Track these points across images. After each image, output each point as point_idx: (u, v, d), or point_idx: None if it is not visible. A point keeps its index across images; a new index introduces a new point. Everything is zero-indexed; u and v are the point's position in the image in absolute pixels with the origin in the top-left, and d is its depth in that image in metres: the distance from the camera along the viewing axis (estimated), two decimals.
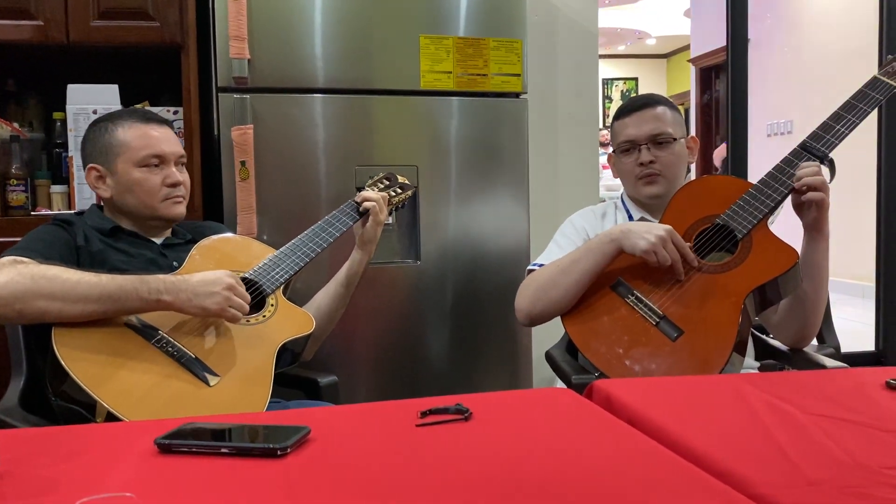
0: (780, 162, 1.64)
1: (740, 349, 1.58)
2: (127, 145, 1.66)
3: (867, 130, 1.64)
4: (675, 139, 1.80)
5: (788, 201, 1.63)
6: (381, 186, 1.93)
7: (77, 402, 1.35)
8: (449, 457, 0.91)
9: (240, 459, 0.89)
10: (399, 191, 1.94)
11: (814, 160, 1.61)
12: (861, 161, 3.65)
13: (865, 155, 3.76)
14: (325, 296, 1.84)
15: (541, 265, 1.78)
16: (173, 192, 1.68)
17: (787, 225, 1.74)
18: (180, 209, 1.71)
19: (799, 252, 1.61)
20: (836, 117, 1.63)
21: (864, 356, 3.83)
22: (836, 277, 1.69)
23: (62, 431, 1.04)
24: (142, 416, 1.30)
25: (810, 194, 1.57)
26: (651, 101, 1.85)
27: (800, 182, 1.58)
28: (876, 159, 3.86)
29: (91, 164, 1.69)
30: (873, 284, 3.94)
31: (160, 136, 1.68)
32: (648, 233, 1.59)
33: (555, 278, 1.68)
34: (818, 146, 1.61)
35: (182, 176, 1.71)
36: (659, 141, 1.79)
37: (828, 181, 1.60)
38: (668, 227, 1.61)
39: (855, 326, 4.44)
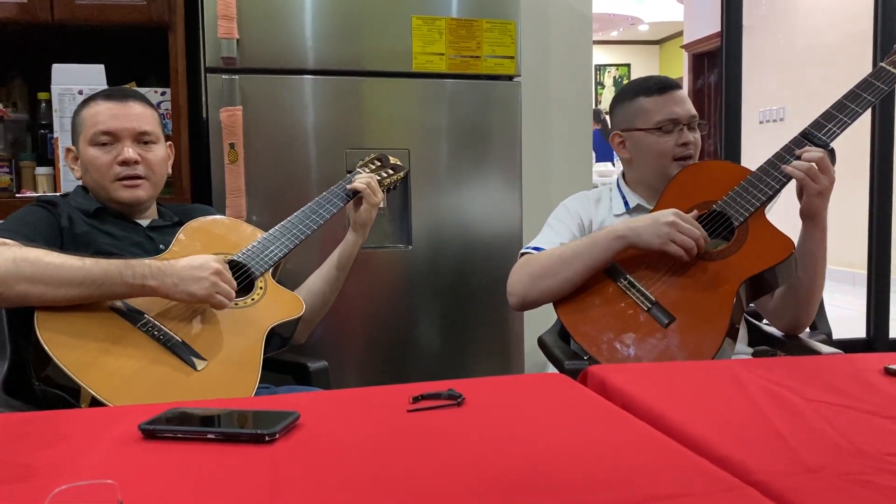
0: (780, 150, 1.61)
1: (732, 335, 1.57)
2: (83, 124, 1.63)
3: (861, 118, 1.62)
4: None
5: (790, 189, 1.61)
6: (373, 167, 1.90)
7: (61, 386, 1.32)
8: (441, 443, 0.89)
9: (226, 445, 0.87)
10: (391, 172, 1.91)
11: (815, 148, 1.59)
12: (854, 149, 3.64)
13: (858, 143, 3.75)
14: (317, 278, 1.81)
15: (535, 248, 1.75)
16: (125, 171, 1.60)
17: (786, 213, 1.72)
18: (135, 193, 1.62)
19: (796, 241, 1.59)
20: (840, 106, 1.59)
21: (856, 343, 3.84)
22: (828, 265, 1.67)
23: (43, 417, 1.02)
24: (127, 400, 1.28)
25: (796, 172, 1.55)
26: (676, 83, 1.82)
27: (791, 165, 1.56)
28: (869, 147, 3.85)
29: (67, 146, 1.68)
30: (864, 272, 3.95)
31: (114, 113, 1.61)
32: (657, 225, 1.56)
33: (554, 268, 1.66)
34: (819, 135, 1.58)
35: (149, 154, 1.63)
36: (694, 123, 1.77)
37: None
38: (672, 210, 1.57)
39: (846, 313, 4.45)
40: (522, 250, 1.80)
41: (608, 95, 12.67)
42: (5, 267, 1.34)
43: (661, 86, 1.78)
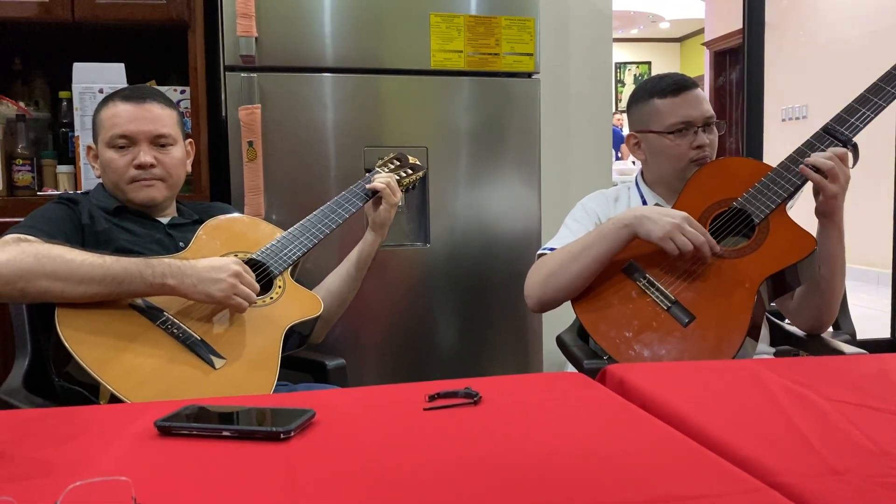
0: (802, 145, 1.59)
1: (753, 334, 1.55)
2: (101, 125, 1.64)
3: (884, 114, 1.59)
4: None
5: (809, 187, 1.58)
6: (392, 167, 1.89)
7: (80, 383, 1.33)
8: (457, 441, 0.88)
9: (241, 443, 0.86)
10: (409, 172, 1.90)
11: (837, 144, 1.56)
12: (877, 146, 3.60)
13: (882, 140, 3.69)
14: (336, 278, 1.81)
15: (551, 249, 1.74)
16: (141, 174, 1.62)
17: (808, 210, 1.69)
18: (149, 193, 1.64)
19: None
20: (862, 100, 1.57)
21: (880, 343, 3.79)
22: (851, 264, 1.64)
23: (61, 413, 1.02)
24: (145, 398, 1.28)
25: (812, 175, 1.52)
26: (692, 81, 1.78)
27: (808, 159, 1.53)
28: (894, 144, 3.80)
29: (88, 144, 1.70)
30: (888, 271, 3.89)
31: (131, 116, 1.62)
32: (663, 219, 1.54)
33: (565, 264, 1.65)
34: (842, 130, 1.56)
35: (165, 156, 1.64)
36: (710, 123, 1.74)
37: (850, 166, 1.55)
38: (683, 213, 1.56)
39: (870, 313, 4.39)
40: (539, 251, 1.79)
41: (629, 93, 12.60)
42: (27, 263, 1.35)
43: (675, 86, 1.74)
